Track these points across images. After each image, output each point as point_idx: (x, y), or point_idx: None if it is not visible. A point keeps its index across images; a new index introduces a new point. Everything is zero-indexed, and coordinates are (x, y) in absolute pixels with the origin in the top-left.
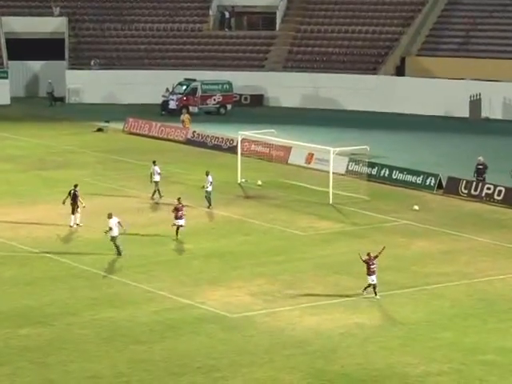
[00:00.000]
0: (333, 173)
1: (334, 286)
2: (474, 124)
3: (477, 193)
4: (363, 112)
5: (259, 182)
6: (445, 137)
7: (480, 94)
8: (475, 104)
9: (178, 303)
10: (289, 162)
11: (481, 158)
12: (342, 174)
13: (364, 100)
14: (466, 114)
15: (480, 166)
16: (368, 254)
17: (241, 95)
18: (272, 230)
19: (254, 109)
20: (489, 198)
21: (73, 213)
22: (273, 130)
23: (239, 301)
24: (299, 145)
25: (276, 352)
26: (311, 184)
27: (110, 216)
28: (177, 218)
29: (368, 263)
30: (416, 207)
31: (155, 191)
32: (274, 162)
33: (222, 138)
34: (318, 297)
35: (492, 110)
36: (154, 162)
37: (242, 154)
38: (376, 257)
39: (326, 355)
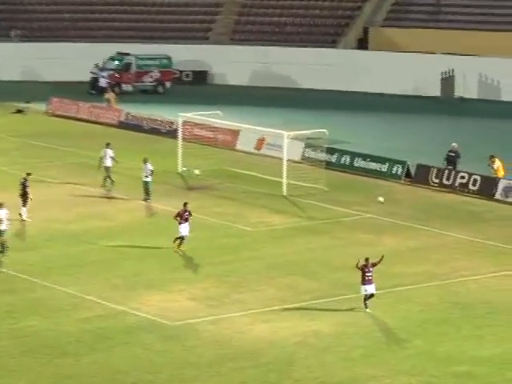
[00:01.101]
0: (287, 160)
1: (289, 288)
2: (447, 104)
3: (449, 182)
4: (321, 91)
5: (196, 172)
6: (413, 119)
7: (453, 71)
8: (448, 81)
9: (110, 310)
10: (237, 147)
11: (455, 145)
12: (298, 162)
13: (322, 77)
14: (438, 93)
15: (452, 154)
16: (366, 260)
17: (181, 71)
18: (218, 226)
19: (197, 87)
20: (463, 188)
21: (24, 205)
22: (218, 112)
23: (180, 306)
24: (248, 128)
25: (223, 365)
26: (262, 173)
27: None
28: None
29: (363, 270)
30: (381, 199)
31: (106, 178)
32: (219, 147)
33: (161, 121)
34: (271, 301)
35: (467, 89)
36: (107, 145)
37: (183, 138)
38: (374, 265)
39: (279, 368)
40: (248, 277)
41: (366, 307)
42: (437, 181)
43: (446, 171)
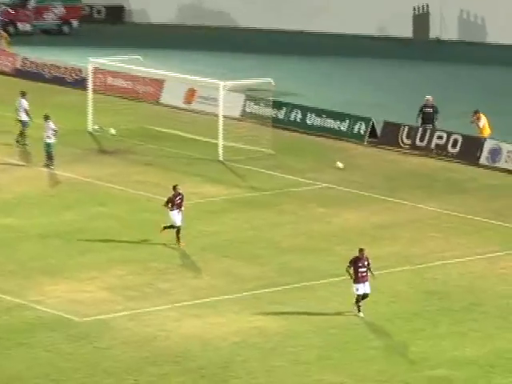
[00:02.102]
0: (223, 116)
1: (226, 275)
2: (420, 47)
3: (424, 144)
4: (266, 31)
5: (112, 131)
6: (380, 65)
7: (427, 6)
8: (421, 19)
9: (3, 303)
10: (161, 101)
11: (429, 98)
12: (237, 119)
13: (267, 14)
14: (410, 34)
15: (428, 109)
16: (361, 251)
17: (92, 7)
18: (138, 199)
19: (111, 26)
20: (440, 151)
21: None
22: (138, 57)
23: (91, 298)
24: (176, 77)
25: (143, 371)
26: (193, 132)
27: None
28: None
29: (356, 264)
30: (340, 164)
31: (21, 134)
32: (140, 101)
33: (66, 68)
34: (204, 291)
35: (444, 29)
36: (22, 94)
37: (94, 90)
38: (368, 260)
39: (214, 374)
40: (176, 261)
41: (359, 311)
42: (408, 142)
43: (420, 130)
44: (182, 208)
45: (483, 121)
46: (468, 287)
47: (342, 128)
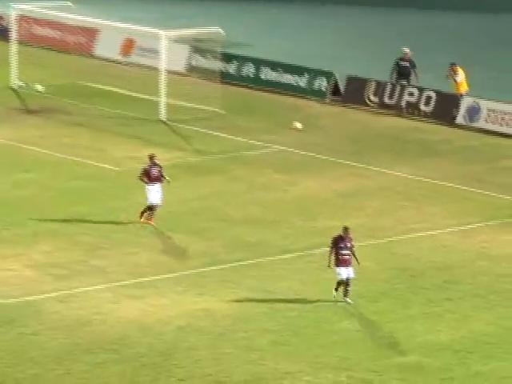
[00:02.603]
0: (166, 71)
1: (169, 250)
2: None
3: (393, 101)
4: None
5: (38, 88)
6: (343, 12)
7: None
8: None
9: None
10: (95, 53)
11: (407, 51)
12: (181, 74)
13: None
14: None
15: (404, 63)
16: (345, 230)
17: None
18: (68, 164)
19: None
20: (412, 110)
21: None
22: (69, 3)
23: (16, 278)
24: (111, 26)
25: (76, 359)
26: (131, 89)
27: None
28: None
29: (338, 244)
30: (298, 125)
31: None
32: (70, 53)
33: None
34: (144, 269)
35: None
36: None
37: (18, 40)
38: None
39: (155, 362)
40: (111, 236)
41: (346, 297)
42: (375, 99)
43: (389, 86)
44: (167, 179)
45: (461, 75)
46: (442, 263)
47: (301, 84)
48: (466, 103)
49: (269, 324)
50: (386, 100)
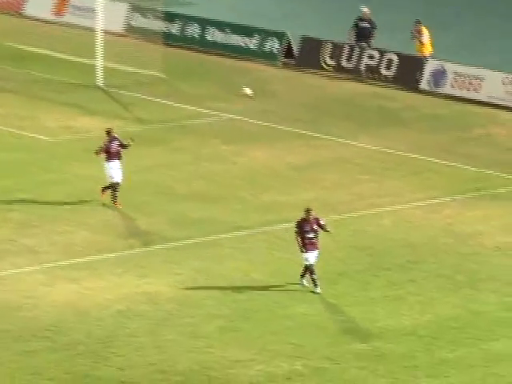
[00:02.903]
0: (103, 31)
1: (107, 228)
2: None
3: (351, 65)
4: None
5: None
6: None
7: None
8: None
9: None
10: (25, 12)
11: (366, 11)
12: (119, 34)
13: None
14: None
15: (363, 24)
16: (307, 212)
17: None
18: (1, 135)
19: None
20: (372, 74)
21: None
22: None
23: None
24: None
25: (5, 347)
26: (65, 52)
27: None
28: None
29: (302, 228)
30: (247, 91)
31: None
32: None
33: None
34: (80, 249)
35: None
36: None
37: None
38: (320, 226)
39: (93, 350)
40: (44, 212)
41: (316, 285)
42: (332, 63)
43: (347, 48)
44: (130, 142)
45: (426, 35)
46: (405, 241)
47: (251, 45)
48: (430, 67)
49: (216, 308)
50: (344, 63)
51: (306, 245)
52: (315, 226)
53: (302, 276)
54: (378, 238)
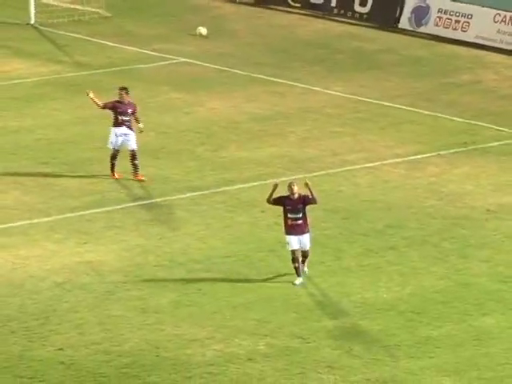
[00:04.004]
0: None
1: (43, 188)
2: None
3: (321, 1)
4: None
5: None
6: None
7: None
8: None
9: None
10: None
11: None
12: None
13: None
14: None
15: None
16: (290, 186)
17: None
18: None
19: None
20: (344, 11)
21: None
22: None
23: None
24: None
25: None
26: None
27: None
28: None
29: (284, 205)
30: (202, 30)
31: None
32: None
33: None
34: (11, 212)
35: None
36: None
37: None
38: (307, 201)
39: (28, 327)
40: None
41: (298, 275)
42: None
43: None
44: (140, 125)
45: None
46: (383, 202)
47: None
48: (411, 2)
49: (168, 280)
50: None
51: (288, 226)
52: (299, 206)
53: (293, 261)
54: (352, 199)
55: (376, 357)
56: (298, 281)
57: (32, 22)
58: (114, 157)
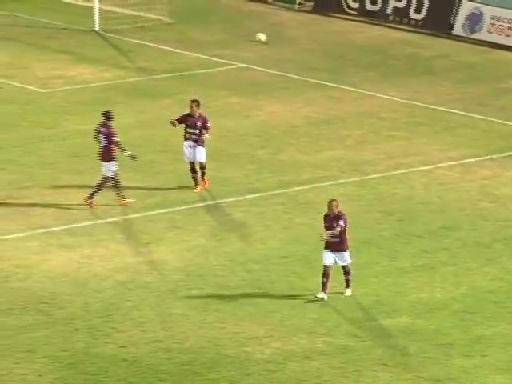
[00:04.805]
0: None
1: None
2: None
3: (377, 8)
4: None
5: None
6: None
7: None
8: None
9: None
10: None
11: None
12: None
13: None
14: None
15: None
16: (329, 204)
17: None
18: None
19: None
20: (400, 18)
21: None
22: None
23: None
24: None
25: None
26: None
27: None
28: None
29: (325, 222)
30: (261, 36)
31: None
32: None
33: None
34: (76, 212)
35: None
36: None
37: None
38: (337, 218)
39: (91, 325)
40: (36, 172)
41: (323, 290)
42: (355, 5)
43: None
44: (207, 135)
45: None
46: (437, 205)
47: None
48: (465, 9)
49: (228, 279)
50: (369, 6)
51: (326, 242)
52: (335, 224)
53: (323, 276)
54: (407, 201)
55: (430, 355)
56: (321, 294)
57: (96, 28)
58: (192, 170)
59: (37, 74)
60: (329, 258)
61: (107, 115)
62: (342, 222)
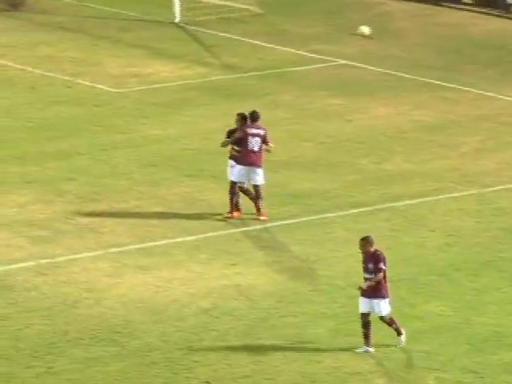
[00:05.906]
0: None
1: (189, 203)
2: None
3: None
4: None
5: None
6: None
7: None
8: None
9: None
10: None
11: None
12: None
13: None
14: None
15: None
16: (364, 242)
17: None
18: (50, 83)
19: None
20: None
21: None
22: None
23: None
24: None
25: (59, 353)
26: None
27: None
28: None
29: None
30: (365, 29)
31: None
32: None
33: None
34: (153, 229)
35: None
36: None
37: None
38: (377, 259)
39: (170, 358)
40: (108, 183)
41: (365, 344)
42: None
43: None
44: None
45: None
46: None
47: None
48: None
49: (326, 306)
50: None
51: (363, 289)
52: (371, 265)
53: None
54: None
55: None
56: (360, 349)
57: (177, 20)
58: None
59: (109, 71)
60: (363, 305)
61: (255, 115)
62: (382, 265)
